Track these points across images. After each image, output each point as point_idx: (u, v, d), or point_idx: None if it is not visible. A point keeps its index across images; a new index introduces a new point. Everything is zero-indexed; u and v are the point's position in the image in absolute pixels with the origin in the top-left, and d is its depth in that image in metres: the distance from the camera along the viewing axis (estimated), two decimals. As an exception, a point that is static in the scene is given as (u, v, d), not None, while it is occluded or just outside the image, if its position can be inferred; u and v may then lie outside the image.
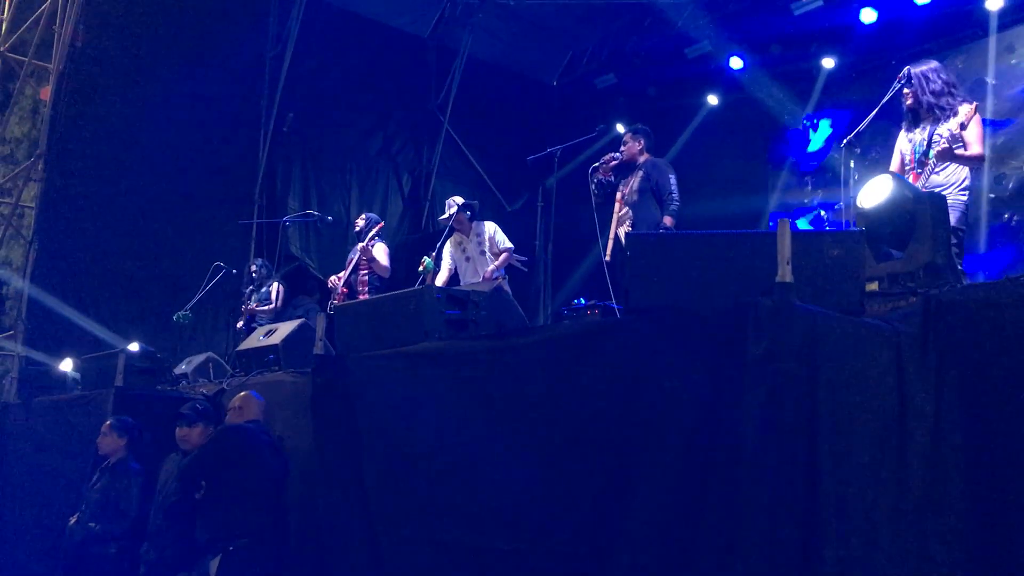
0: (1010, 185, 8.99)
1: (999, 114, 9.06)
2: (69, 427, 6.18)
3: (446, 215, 7.36)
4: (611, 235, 6.78)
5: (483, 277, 7.03)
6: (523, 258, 7.32)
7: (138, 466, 5.29)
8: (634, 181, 6.74)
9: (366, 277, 8.12)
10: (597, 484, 3.37)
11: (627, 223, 6.65)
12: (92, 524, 5.12)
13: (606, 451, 3.35)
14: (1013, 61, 9.14)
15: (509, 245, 7.12)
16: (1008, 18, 9.08)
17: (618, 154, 6.82)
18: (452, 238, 7.44)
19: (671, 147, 11.68)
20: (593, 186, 6.72)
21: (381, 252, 8.08)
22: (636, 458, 3.24)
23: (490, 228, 7.28)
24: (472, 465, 3.86)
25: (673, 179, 6.66)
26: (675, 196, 6.59)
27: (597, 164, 6.68)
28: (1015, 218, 8.98)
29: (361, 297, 7.67)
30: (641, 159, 6.85)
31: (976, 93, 9.16)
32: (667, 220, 6.49)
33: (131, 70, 9.39)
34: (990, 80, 9.16)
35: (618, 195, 6.80)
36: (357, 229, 8.41)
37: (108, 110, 9.22)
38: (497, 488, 3.73)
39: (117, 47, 9.31)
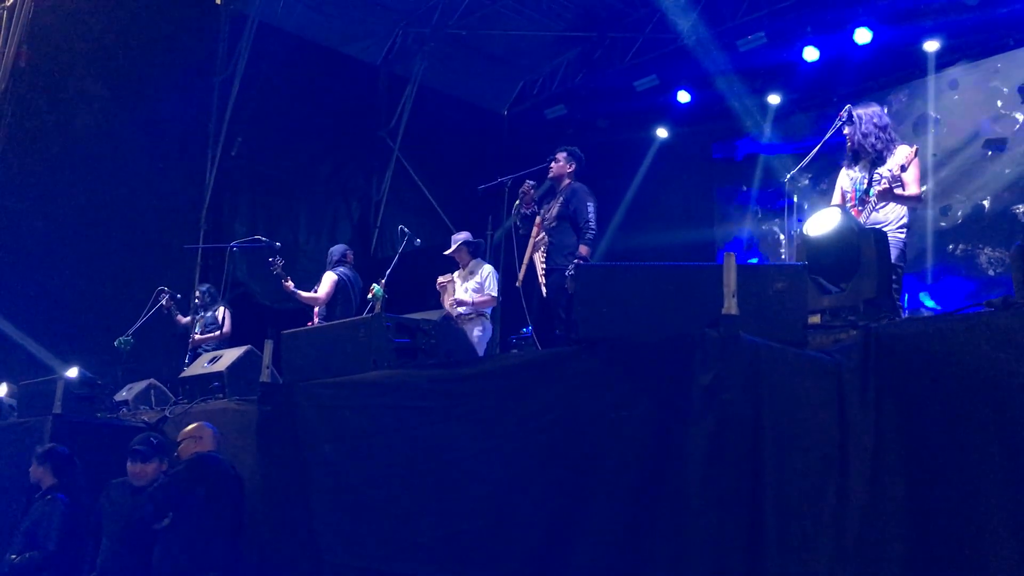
0: (957, 216, 9.30)
1: (943, 149, 9.37)
2: (4, 456, 6.00)
3: (451, 249, 7.45)
4: (525, 259, 6.79)
5: (456, 302, 7.17)
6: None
7: (64, 497, 5.11)
8: (554, 207, 6.70)
9: (317, 308, 8.14)
10: (546, 513, 3.37)
11: (542, 249, 6.66)
12: (13, 556, 4.96)
13: (555, 481, 3.36)
14: (956, 97, 9.50)
15: (495, 293, 7.09)
16: (945, 58, 9.45)
17: (534, 182, 6.79)
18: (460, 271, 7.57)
19: (623, 180, 11.88)
20: (517, 220, 6.72)
21: (326, 281, 8.10)
22: (584, 488, 3.25)
23: (486, 271, 7.28)
24: (421, 496, 3.83)
25: (592, 208, 6.62)
26: (592, 225, 6.56)
27: (518, 200, 6.67)
28: (960, 248, 9.27)
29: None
30: (564, 183, 6.84)
31: (920, 128, 9.51)
32: (583, 249, 6.47)
33: (75, 91, 9.26)
34: (932, 113, 9.51)
35: (537, 219, 6.78)
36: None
37: (52, 132, 9.06)
38: (445, 519, 3.71)
39: (61, 68, 9.18)
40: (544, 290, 6.60)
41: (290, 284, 8.11)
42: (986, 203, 9.20)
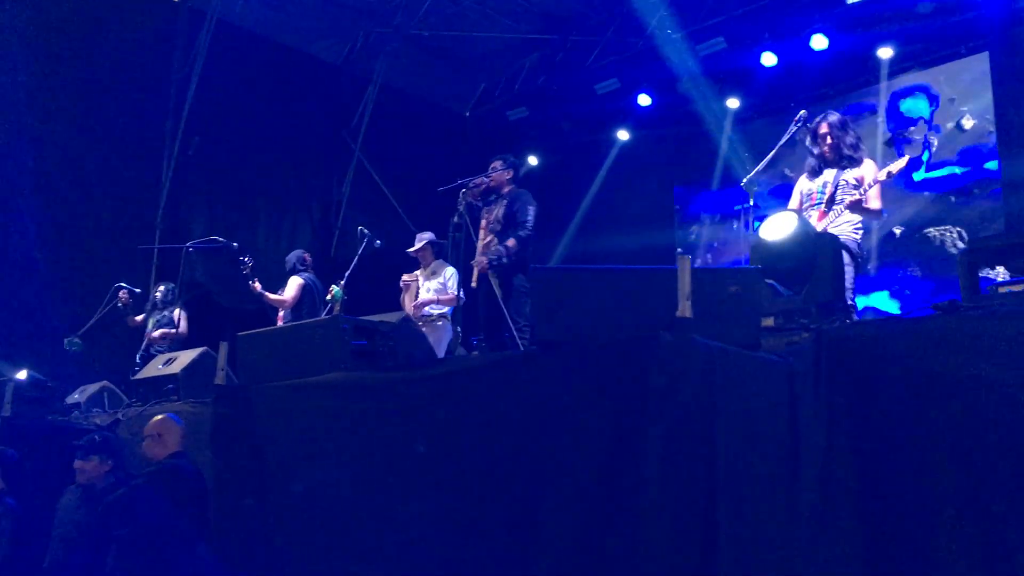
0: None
1: (893, 155, 9.62)
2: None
3: (416, 247, 7.54)
4: (476, 263, 6.83)
5: (420, 303, 7.28)
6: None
7: (12, 502, 5.02)
8: (498, 210, 6.87)
9: (282, 311, 8.13)
10: (504, 516, 3.37)
11: (491, 251, 6.74)
12: None
13: (514, 483, 3.36)
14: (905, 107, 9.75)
15: (456, 293, 7.10)
16: (896, 66, 9.66)
17: (487, 178, 6.91)
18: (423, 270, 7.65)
19: (585, 183, 11.95)
20: (462, 208, 6.78)
21: (293, 284, 8.09)
22: (543, 490, 3.25)
23: (449, 271, 7.34)
24: (379, 499, 3.81)
25: (532, 211, 6.80)
26: (528, 226, 6.73)
27: (466, 188, 6.75)
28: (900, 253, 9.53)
29: None
30: (507, 189, 6.99)
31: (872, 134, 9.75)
32: (510, 242, 6.64)
33: (29, 89, 9.07)
34: (879, 119, 9.73)
35: (483, 223, 6.91)
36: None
37: (4, 130, 8.87)
38: (406, 523, 3.69)
39: (13, 65, 8.98)
40: (497, 290, 6.66)
41: (258, 286, 8.08)
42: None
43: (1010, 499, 2.64)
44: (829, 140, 5.33)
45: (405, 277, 7.57)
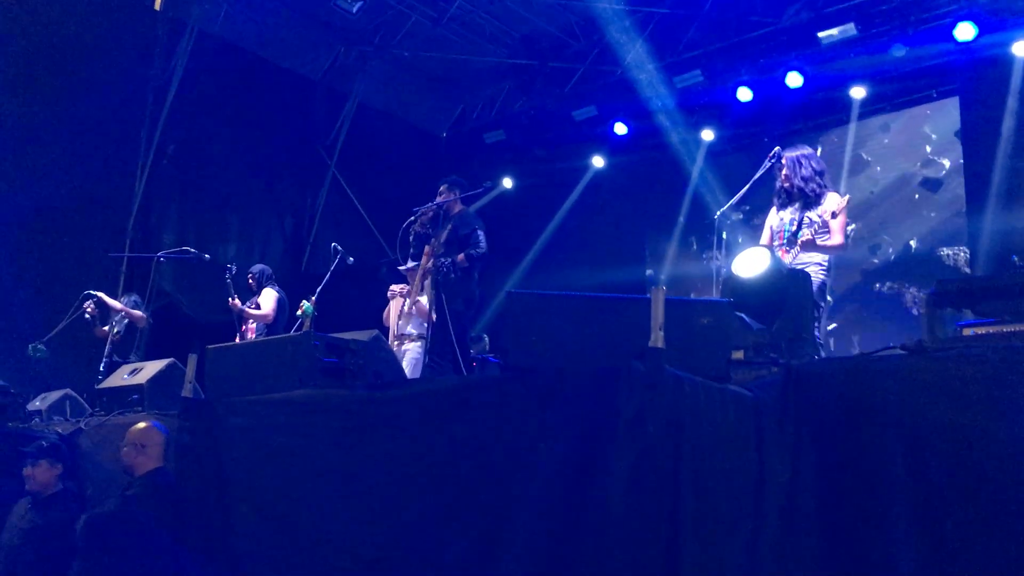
0: (887, 255, 9.67)
1: (873, 189, 9.80)
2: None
3: (409, 265, 7.35)
4: (415, 285, 6.85)
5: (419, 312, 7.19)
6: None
7: None
8: (443, 233, 6.82)
9: (254, 324, 8.06)
10: (468, 540, 3.36)
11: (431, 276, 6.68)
12: None
13: (478, 509, 3.36)
14: (886, 141, 9.92)
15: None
16: (870, 106, 9.85)
17: (435, 204, 6.91)
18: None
19: (556, 208, 12.03)
20: (411, 238, 6.81)
21: (269, 298, 8.04)
22: (507, 515, 3.25)
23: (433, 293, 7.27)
24: (343, 518, 3.79)
25: (482, 234, 6.86)
26: (482, 247, 6.80)
27: (413, 218, 6.76)
28: (888, 286, 9.64)
29: None
30: (454, 211, 7.00)
31: (856, 167, 9.93)
32: (460, 256, 6.68)
33: (3, 91, 8.98)
34: (849, 155, 9.93)
35: (427, 248, 6.82)
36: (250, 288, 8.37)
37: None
38: (367, 542, 3.67)
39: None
40: (434, 316, 6.60)
41: (237, 303, 8.02)
42: (913, 243, 9.60)
43: (973, 542, 2.69)
44: (784, 171, 5.42)
45: (394, 288, 7.51)
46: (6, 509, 4.97)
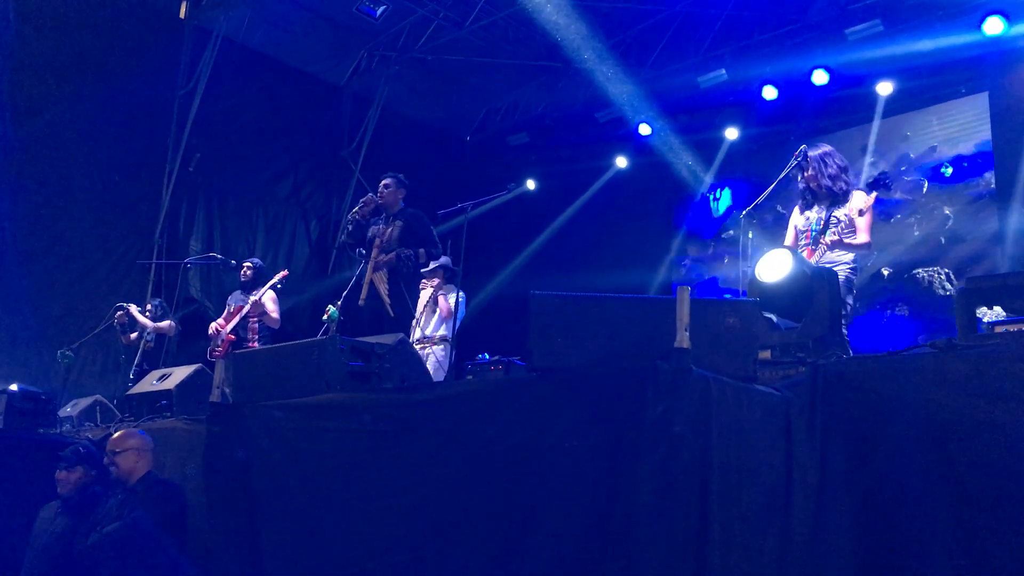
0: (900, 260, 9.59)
1: (894, 193, 9.67)
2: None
3: (429, 267, 7.42)
4: (367, 280, 6.76)
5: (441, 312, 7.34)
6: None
7: None
8: (393, 230, 6.76)
9: (256, 325, 8.01)
10: (497, 541, 3.36)
11: (384, 270, 6.65)
12: None
13: (506, 509, 3.35)
14: (908, 140, 9.80)
15: (455, 312, 7.08)
16: (897, 104, 9.72)
17: (376, 197, 6.88)
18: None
19: (580, 209, 12.00)
20: (351, 226, 6.79)
21: (271, 301, 8.04)
22: (536, 515, 3.25)
23: (455, 296, 7.20)
24: (372, 521, 3.80)
25: (435, 231, 6.86)
26: (439, 245, 6.87)
27: (356, 208, 6.76)
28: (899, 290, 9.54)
29: (251, 347, 7.51)
30: (397, 209, 6.94)
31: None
32: (421, 250, 6.67)
33: (31, 99, 9.10)
34: (868, 159, 9.82)
35: (376, 241, 6.76)
36: (244, 279, 8.32)
37: (3, 140, 8.89)
38: (395, 545, 3.68)
39: (16, 78, 9.01)
40: (390, 311, 6.57)
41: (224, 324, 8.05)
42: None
43: (1005, 541, 2.65)
44: (809, 171, 5.37)
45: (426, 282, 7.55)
46: (33, 512, 5.02)
